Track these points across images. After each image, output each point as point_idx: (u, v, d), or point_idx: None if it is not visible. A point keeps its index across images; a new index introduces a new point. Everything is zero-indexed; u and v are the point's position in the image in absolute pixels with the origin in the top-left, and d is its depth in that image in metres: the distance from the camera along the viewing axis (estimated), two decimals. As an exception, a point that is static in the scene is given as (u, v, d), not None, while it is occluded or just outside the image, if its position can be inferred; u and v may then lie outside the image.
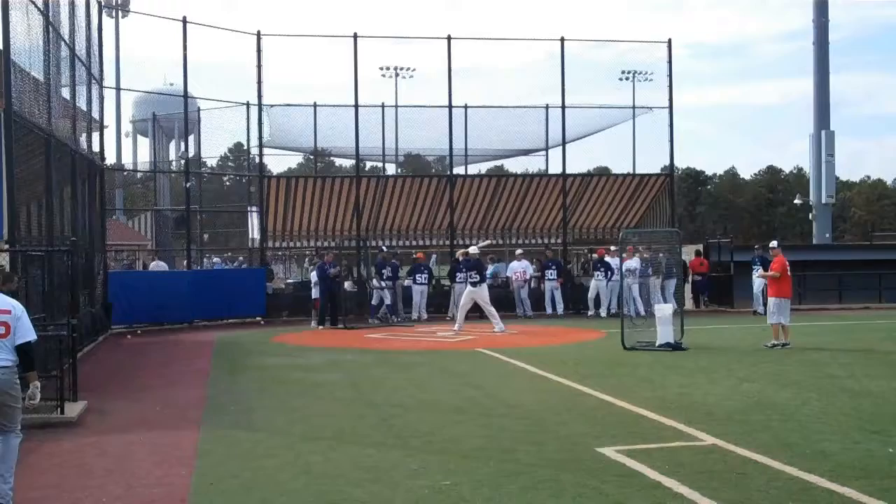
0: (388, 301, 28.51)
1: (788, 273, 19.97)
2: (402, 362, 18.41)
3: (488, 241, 29.81)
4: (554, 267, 30.48)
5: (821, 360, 17.66)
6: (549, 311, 30.13)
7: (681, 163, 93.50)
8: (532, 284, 31.03)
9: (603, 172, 37.15)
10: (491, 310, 24.31)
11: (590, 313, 29.62)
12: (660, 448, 9.76)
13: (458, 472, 8.92)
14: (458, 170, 34.78)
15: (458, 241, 31.76)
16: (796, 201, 71.31)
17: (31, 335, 8.48)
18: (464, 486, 8.37)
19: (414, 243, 34.46)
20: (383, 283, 28.30)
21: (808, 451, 9.53)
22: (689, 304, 29.70)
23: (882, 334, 22.87)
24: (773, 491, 8.04)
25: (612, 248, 30.46)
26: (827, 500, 7.76)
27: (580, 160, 34.98)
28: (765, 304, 29.77)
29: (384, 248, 30.58)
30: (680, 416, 11.39)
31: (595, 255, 32.17)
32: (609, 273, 29.25)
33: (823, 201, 56.39)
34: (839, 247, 51.61)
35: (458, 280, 27.56)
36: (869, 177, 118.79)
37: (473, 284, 24.41)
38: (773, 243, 21.68)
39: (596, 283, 29.85)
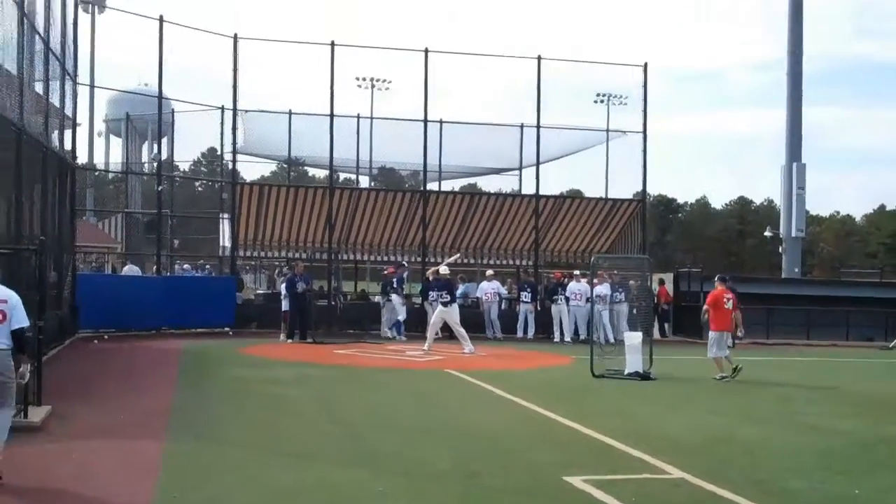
0: (402, 317, 28.42)
1: (726, 306, 20.12)
2: (370, 380, 18.38)
3: (457, 256, 29.84)
4: (529, 289, 30.51)
5: (788, 395, 17.79)
6: (520, 334, 30.12)
7: (653, 189, 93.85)
8: (503, 306, 31.03)
9: (576, 195, 37.24)
10: (461, 330, 24.33)
11: (555, 339, 29.56)
12: (627, 479, 9.78)
13: (424, 495, 8.91)
14: (432, 185, 34.77)
15: (431, 258, 31.72)
16: (766, 234, 71.67)
17: (25, 322, 9.39)
18: (430, 511, 8.35)
19: (386, 258, 34.40)
20: (402, 299, 28.43)
21: (774, 488, 9.58)
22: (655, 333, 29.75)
23: (849, 373, 23.07)
24: (739, 528, 8.08)
25: (577, 272, 30.58)
26: (792, 540, 7.81)
27: (554, 182, 34.99)
28: (734, 337, 30.11)
29: (405, 263, 30.50)
30: (647, 446, 11.41)
31: (553, 279, 32.15)
32: (567, 298, 29.33)
33: (793, 234, 56.63)
34: (808, 282, 51.84)
35: (431, 299, 27.44)
36: (838, 212, 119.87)
37: (444, 304, 24.43)
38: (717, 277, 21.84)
39: (557, 309, 29.81)
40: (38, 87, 19.97)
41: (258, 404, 14.55)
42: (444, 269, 25.55)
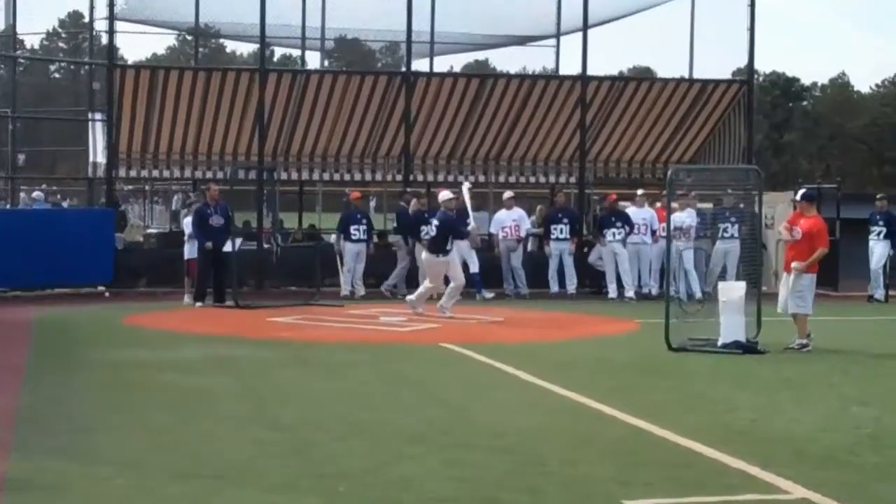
0: (474, 269, 28.46)
1: None
2: (327, 362, 18.55)
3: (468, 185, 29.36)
4: (566, 220, 30.46)
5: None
6: (554, 287, 30.21)
7: (764, 65, 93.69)
8: (530, 246, 31.03)
9: (644, 75, 37.18)
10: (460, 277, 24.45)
11: (610, 294, 29.72)
12: (723, 502, 9.89)
13: (413, 532, 9.00)
14: (420, 64, 34.67)
15: (418, 176, 31.65)
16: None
17: None
18: (421, 556, 8.48)
19: (348, 177, 34.40)
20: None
21: (947, 512, 9.69)
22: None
23: None
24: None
25: (640, 192, 30.52)
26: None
27: (609, 56, 34.99)
28: (886, 287, 30.14)
29: (468, 184, 28.44)
30: (753, 454, 11.49)
31: (603, 205, 32.00)
32: (628, 230, 29.37)
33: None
34: None
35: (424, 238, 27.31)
36: None
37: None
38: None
39: (611, 248, 29.80)
40: None
41: (154, 402, 14.62)
42: (445, 195, 25.17)
